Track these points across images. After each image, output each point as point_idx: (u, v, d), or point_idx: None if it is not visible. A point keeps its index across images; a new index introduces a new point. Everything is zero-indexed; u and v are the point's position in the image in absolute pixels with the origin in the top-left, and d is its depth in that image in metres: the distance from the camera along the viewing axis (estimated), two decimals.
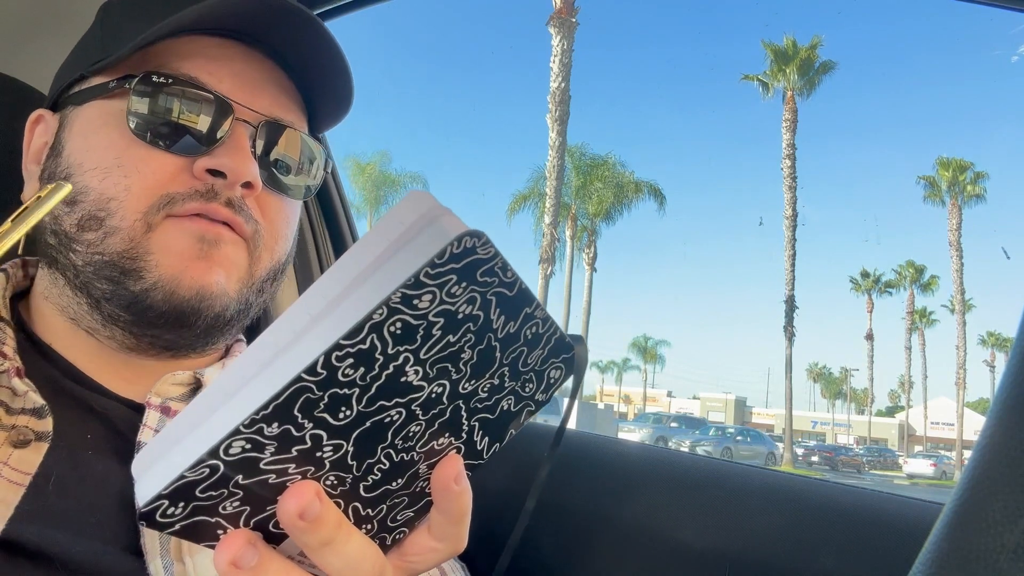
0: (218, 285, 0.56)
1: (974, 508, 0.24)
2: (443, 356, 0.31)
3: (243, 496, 0.30)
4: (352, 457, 0.31)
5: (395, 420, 0.31)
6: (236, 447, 0.27)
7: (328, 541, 0.31)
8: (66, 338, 0.59)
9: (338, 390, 0.28)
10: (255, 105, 0.59)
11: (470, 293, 0.29)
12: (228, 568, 0.30)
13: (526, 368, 0.36)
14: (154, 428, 0.56)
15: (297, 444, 0.29)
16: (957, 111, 60.40)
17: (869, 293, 42.91)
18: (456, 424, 0.34)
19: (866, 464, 32.81)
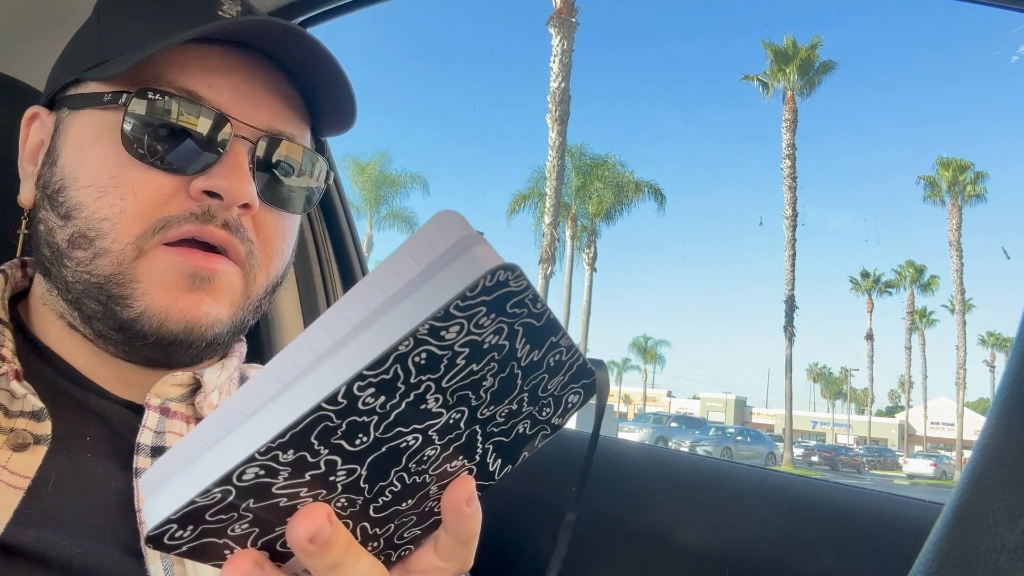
0: (209, 316, 0.55)
1: (974, 508, 0.24)
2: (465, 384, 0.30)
3: (252, 519, 0.29)
4: (365, 481, 0.31)
5: (411, 445, 0.31)
6: (250, 473, 0.27)
7: (337, 564, 0.31)
8: (64, 341, 0.58)
9: (357, 418, 0.28)
10: (254, 120, 0.57)
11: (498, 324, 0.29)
12: None
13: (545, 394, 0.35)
14: (153, 429, 0.56)
15: (311, 470, 0.29)
16: (957, 111, 60.44)
17: (869, 293, 42.90)
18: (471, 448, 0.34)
19: (866, 464, 32.80)
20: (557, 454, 0.49)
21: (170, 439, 0.57)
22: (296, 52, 0.58)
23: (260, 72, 0.58)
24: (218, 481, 0.27)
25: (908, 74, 61.80)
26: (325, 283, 1.23)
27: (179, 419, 0.58)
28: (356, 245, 1.28)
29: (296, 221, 0.63)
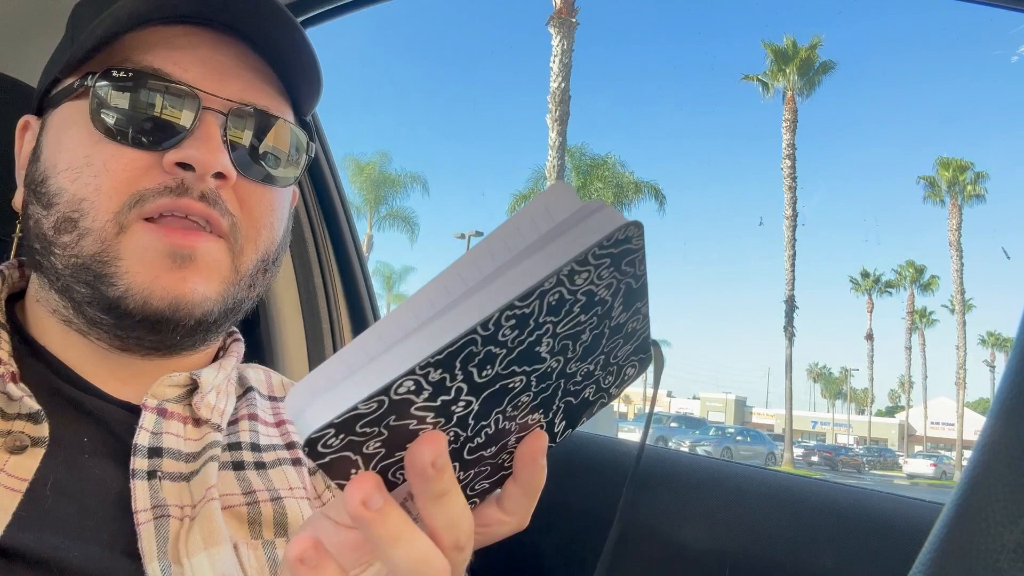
0: (195, 294, 0.54)
1: (974, 508, 0.24)
2: (571, 333, 0.33)
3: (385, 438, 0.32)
4: (474, 417, 0.34)
5: (515, 388, 0.34)
6: (404, 387, 0.29)
7: (444, 493, 0.33)
8: (60, 340, 0.58)
9: (493, 348, 0.31)
10: (224, 92, 0.56)
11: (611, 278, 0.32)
12: (358, 507, 0.31)
13: (615, 360, 0.39)
14: (150, 430, 0.56)
15: (444, 394, 0.31)
16: (957, 111, 60.45)
17: (869, 293, 42.90)
18: (550, 403, 0.37)
19: (866, 464, 32.80)
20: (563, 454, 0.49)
21: (167, 440, 0.56)
22: (257, 20, 0.58)
23: (226, 46, 0.58)
24: (380, 390, 0.29)
25: (908, 74, 61.84)
26: (325, 283, 1.23)
27: (176, 420, 0.58)
28: (356, 245, 1.28)
29: (283, 195, 0.62)
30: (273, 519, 0.57)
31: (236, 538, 0.54)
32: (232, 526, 0.55)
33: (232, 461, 0.60)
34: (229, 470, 0.59)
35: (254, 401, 0.68)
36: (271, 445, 0.65)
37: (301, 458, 0.65)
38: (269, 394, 0.72)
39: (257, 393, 0.70)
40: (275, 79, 0.61)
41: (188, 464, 0.57)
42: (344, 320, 1.26)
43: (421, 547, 0.33)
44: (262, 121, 0.59)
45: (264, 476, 0.61)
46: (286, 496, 0.59)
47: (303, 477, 0.64)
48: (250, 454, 0.62)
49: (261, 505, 0.58)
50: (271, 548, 0.56)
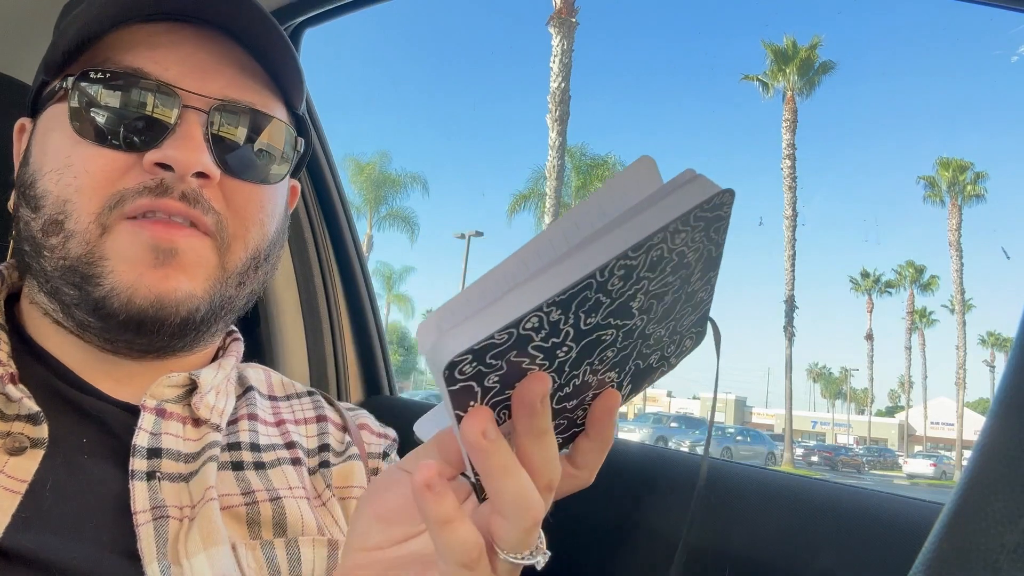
0: (179, 291, 0.54)
1: (974, 508, 0.24)
2: (658, 293, 0.36)
3: (503, 373, 0.34)
4: (569, 365, 0.36)
5: (606, 340, 0.36)
6: (531, 322, 0.32)
7: (544, 432, 0.35)
8: (57, 340, 0.58)
9: (601, 296, 0.33)
10: (206, 89, 0.56)
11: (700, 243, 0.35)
12: (477, 436, 0.33)
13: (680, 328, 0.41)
14: (149, 431, 0.56)
15: (555, 336, 0.33)
16: (957, 111, 60.46)
17: (869, 293, 42.89)
18: (625, 362, 0.39)
19: (866, 464, 32.79)
20: None
21: (166, 440, 0.56)
22: (237, 15, 0.57)
23: (210, 44, 0.58)
24: (513, 322, 0.31)
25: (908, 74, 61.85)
26: (325, 283, 1.23)
27: (175, 420, 0.58)
28: (356, 245, 1.28)
29: (274, 192, 0.61)
30: (272, 519, 0.57)
31: (235, 538, 0.54)
32: (231, 526, 0.55)
33: (231, 461, 0.60)
34: (228, 470, 0.59)
35: (254, 401, 0.68)
36: (271, 445, 0.64)
37: (300, 458, 0.65)
38: (269, 394, 0.72)
39: (257, 393, 0.69)
40: (262, 74, 0.60)
41: (187, 465, 0.57)
42: (344, 320, 1.26)
43: (525, 481, 0.35)
44: (246, 117, 0.58)
45: (263, 476, 0.61)
46: (285, 496, 0.59)
47: (302, 477, 0.64)
48: (249, 454, 0.62)
49: (260, 505, 0.58)
50: (269, 548, 0.56)
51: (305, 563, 0.57)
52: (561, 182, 19.65)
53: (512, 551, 0.37)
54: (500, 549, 0.36)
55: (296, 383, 0.76)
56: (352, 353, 1.27)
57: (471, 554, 0.35)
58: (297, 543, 0.57)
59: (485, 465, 0.34)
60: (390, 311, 40.96)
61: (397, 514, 0.41)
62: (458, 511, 0.35)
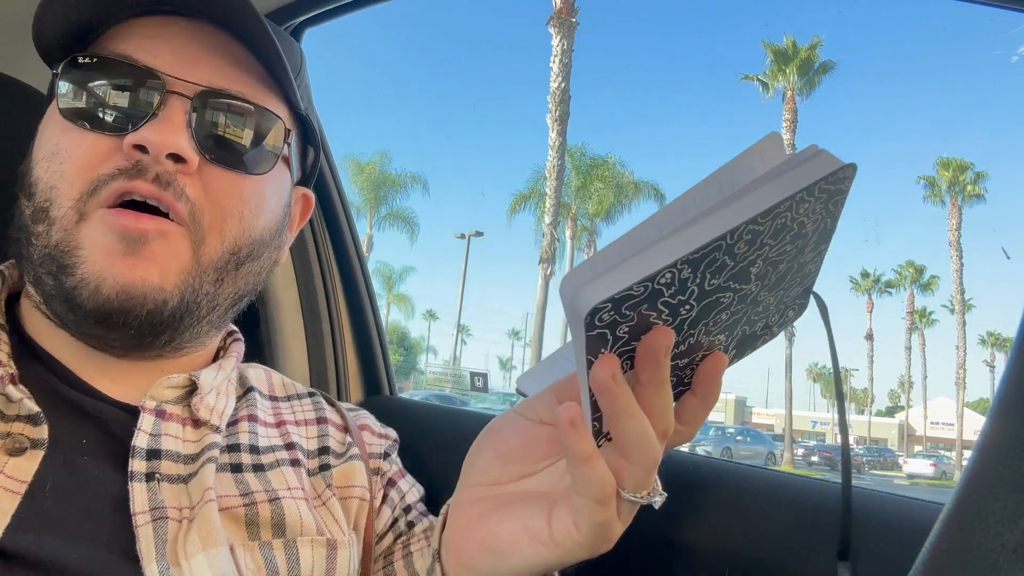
0: (146, 283, 0.53)
1: (974, 508, 0.24)
2: (775, 260, 0.38)
3: (633, 324, 0.36)
4: (688, 323, 0.38)
5: (723, 303, 0.38)
6: (664, 278, 0.34)
7: (664, 382, 0.38)
8: (54, 339, 0.58)
9: (727, 259, 0.35)
10: (193, 76, 0.55)
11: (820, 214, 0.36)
12: (607, 379, 0.37)
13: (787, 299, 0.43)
14: (148, 432, 0.56)
15: (681, 294, 0.35)
16: (957, 111, 60.43)
17: (869, 293, 42.89)
18: (734, 327, 0.41)
19: (866, 464, 32.78)
20: None
21: (165, 441, 0.56)
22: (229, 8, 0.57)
23: (204, 35, 0.58)
24: (650, 276, 0.33)
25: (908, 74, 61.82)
26: (325, 283, 1.23)
27: (175, 421, 0.58)
28: (356, 245, 1.28)
29: (260, 184, 0.59)
30: (271, 520, 0.57)
31: (233, 540, 0.54)
32: (229, 527, 0.55)
33: (230, 463, 0.60)
34: (227, 472, 0.59)
35: (254, 401, 0.68)
36: (270, 447, 0.64)
37: (300, 459, 0.65)
38: (270, 394, 0.72)
39: (258, 393, 0.69)
40: (258, 68, 0.60)
41: (187, 466, 0.57)
42: (344, 320, 1.26)
43: (646, 423, 0.39)
44: (232, 106, 0.57)
45: (262, 478, 0.61)
46: (284, 497, 0.59)
47: (302, 478, 0.64)
48: (248, 456, 0.62)
49: (259, 506, 0.58)
50: (268, 549, 0.56)
51: (304, 563, 0.57)
52: (561, 182, 19.65)
53: (634, 490, 0.41)
54: (623, 489, 0.40)
55: (297, 384, 0.76)
56: (352, 353, 1.27)
57: (605, 489, 0.40)
58: (296, 543, 0.57)
59: (613, 406, 0.38)
60: (390, 311, 40.95)
61: (516, 453, 0.46)
62: (595, 448, 0.39)
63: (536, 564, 0.44)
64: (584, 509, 0.41)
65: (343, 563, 0.60)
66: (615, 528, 0.42)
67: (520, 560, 0.44)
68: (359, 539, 0.64)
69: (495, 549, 0.45)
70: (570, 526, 0.42)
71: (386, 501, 0.69)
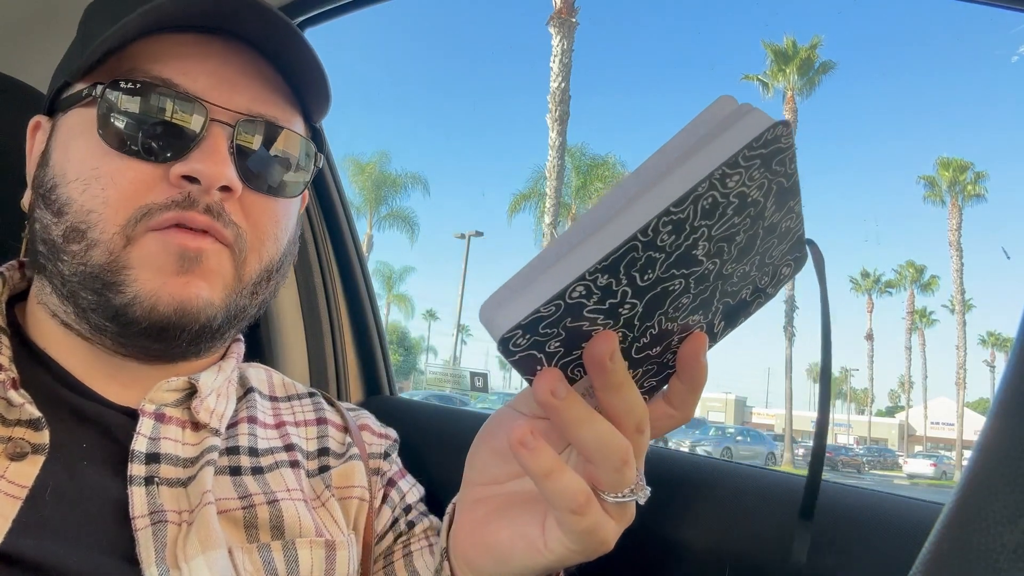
0: (200, 299, 0.54)
1: (974, 508, 0.24)
2: (724, 236, 0.35)
3: (563, 338, 0.35)
4: (638, 318, 0.37)
5: (675, 290, 0.37)
6: (576, 292, 0.33)
7: (621, 384, 0.37)
8: (61, 343, 0.58)
9: (653, 253, 0.33)
10: (232, 103, 0.56)
11: (763, 179, 0.34)
12: (547, 396, 0.36)
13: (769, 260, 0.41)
14: (148, 436, 0.56)
15: (611, 298, 0.34)
16: (958, 111, 60.40)
17: (869, 293, 42.89)
18: (708, 304, 0.40)
19: (866, 464, 32.77)
20: None
21: (165, 445, 0.56)
22: (265, 29, 0.57)
23: (237, 57, 0.58)
24: (557, 294, 0.32)
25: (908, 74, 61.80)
26: (325, 283, 1.23)
27: (174, 424, 0.58)
28: (356, 245, 1.28)
29: (289, 206, 0.62)
30: (270, 522, 0.57)
31: (231, 542, 0.54)
32: (228, 530, 0.55)
33: (229, 466, 0.60)
34: (226, 475, 0.59)
35: (254, 403, 0.68)
36: (269, 448, 0.64)
37: (299, 460, 0.65)
38: (270, 394, 0.72)
39: (258, 394, 0.69)
40: (284, 88, 0.61)
41: (186, 469, 0.57)
42: (344, 320, 1.26)
43: (603, 427, 0.38)
44: (270, 132, 0.59)
45: (261, 480, 0.61)
46: (283, 499, 0.59)
47: (300, 479, 0.64)
48: (247, 459, 0.62)
49: (257, 508, 0.58)
50: (267, 551, 0.56)
51: (303, 565, 0.57)
52: (561, 182, 19.65)
53: (611, 490, 0.40)
54: (601, 491, 0.40)
55: (297, 384, 0.76)
56: (352, 353, 1.27)
57: (577, 499, 0.39)
58: (294, 545, 0.57)
59: (560, 420, 0.37)
60: (390, 311, 40.95)
61: None
62: (556, 462, 0.38)
63: (534, 568, 0.45)
64: (563, 520, 0.40)
65: (342, 564, 0.60)
66: (605, 531, 0.42)
67: (519, 565, 0.45)
68: (359, 539, 0.65)
69: (496, 553, 0.46)
70: (561, 535, 0.42)
71: (386, 501, 0.69)
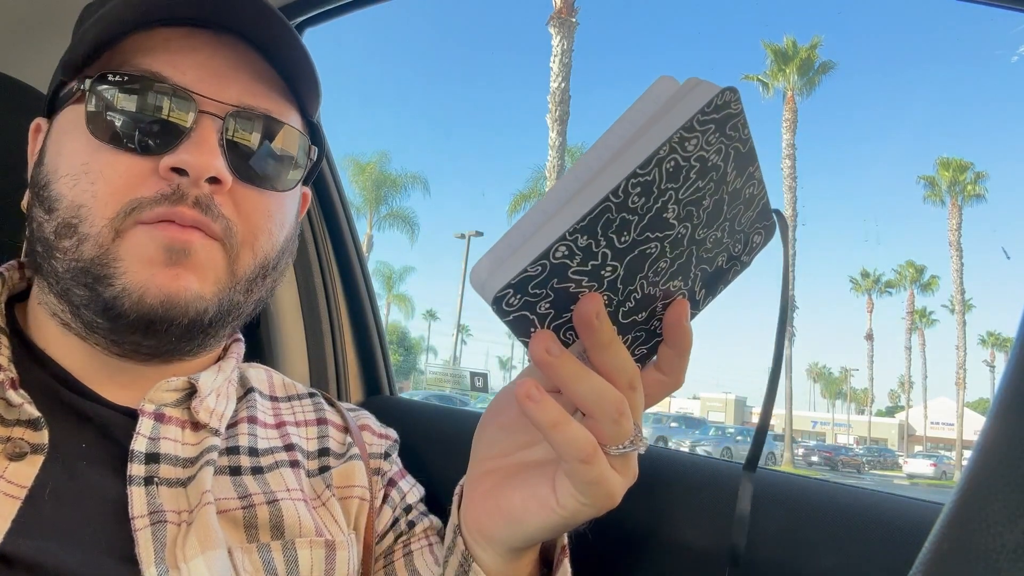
0: (188, 291, 0.54)
1: (974, 508, 0.24)
2: (692, 200, 0.38)
3: (552, 299, 0.37)
4: (620, 281, 0.39)
5: (652, 253, 0.39)
6: (560, 252, 0.35)
7: (610, 342, 0.39)
8: (60, 343, 0.58)
9: (626, 215, 0.35)
10: (222, 95, 0.56)
11: (719, 143, 0.36)
12: (543, 354, 0.38)
13: (739, 227, 0.43)
14: (147, 436, 0.56)
15: (592, 259, 0.36)
16: (958, 111, 60.39)
17: (869, 293, 42.88)
18: (686, 269, 0.42)
19: (866, 464, 32.76)
20: None
21: (164, 445, 0.56)
22: (256, 21, 0.57)
23: (227, 49, 0.58)
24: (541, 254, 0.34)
25: (908, 74, 61.80)
26: (325, 283, 1.23)
27: (174, 424, 0.58)
28: (356, 245, 1.28)
29: (284, 200, 0.61)
30: (269, 522, 0.57)
31: (231, 542, 0.54)
32: (228, 530, 0.55)
33: (229, 466, 0.60)
34: (226, 475, 0.59)
35: (254, 403, 0.68)
36: (269, 448, 0.64)
37: (299, 460, 0.65)
38: (271, 394, 0.72)
39: (258, 394, 0.69)
40: (278, 81, 0.61)
41: (185, 469, 0.57)
42: (344, 320, 1.26)
43: (597, 381, 0.40)
44: (260, 125, 0.58)
45: (261, 480, 0.61)
46: (283, 498, 0.59)
47: (300, 479, 0.63)
48: (247, 459, 0.62)
49: (257, 508, 0.58)
50: (266, 551, 0.56)
51: (303, 565, 0.57)
52: None
53: (612, 442, 0.41)
54: (602, 444, 0.41)
55: (297, 384, 0.76)
56: (352, 353, 1.27)
57: (585, 449, 0.40)
58: (294, 545, 0.57)
59: (556, 377, 0.39)
60: (390, 311, 40.94)
61: (518, 423, 0.48)
62: (562, 414, 0.40)
63: (548, 528, 0.46)
64: (572, 471, 0.42)
65: (342, 564, 0.60)
66: (613, 483, 0.43)
67: (533, 525, 0.46)
68: (359, 539, 0.64)
69: (509, 517, 0.46)
70: (572, 489, 0.43)
71: (387, 501, 0.69)
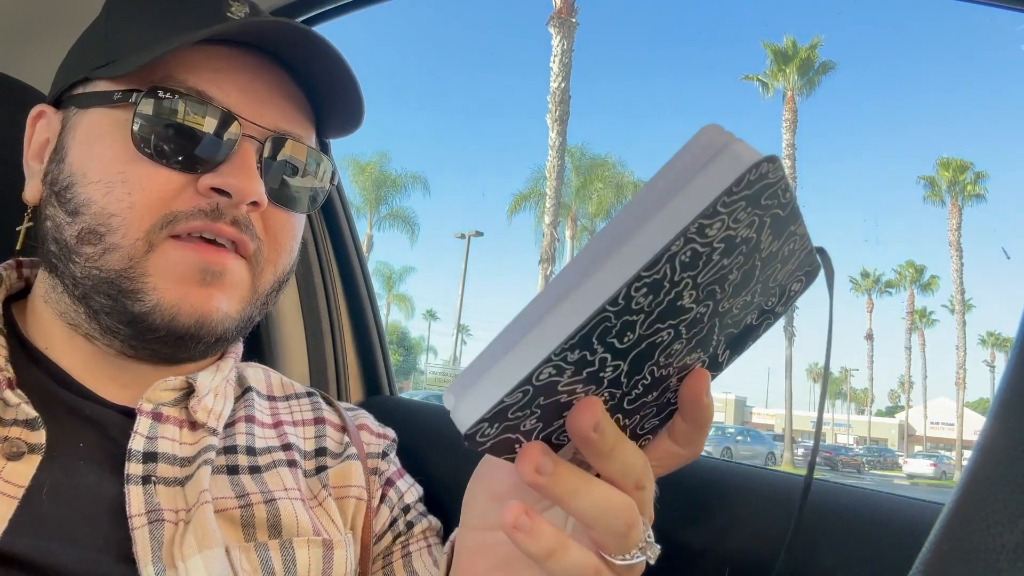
0: (219, 311, 0.56)
1: (974, 508, 0.24)
2: (714, 279, 0.32)
3: (539, 415, 0.32)
4: (625, 375, 0.34)
5: (664, 340, 0.33)
6: (545, 373, 0.30)
7: (612, 448, 0.34)
8: (62, 343, 0.58)
9: (629, 317, 0.30)
10: (262, 120, 0.58)
11: (752, 217, 0.30)
12: (532, 475, 0.33)
13: (775, 284, 0.37)
14: (145, 435, 0.56)
15: (588, 367, 0.31)
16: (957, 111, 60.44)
17: (869, 293, 42.90)
18: (708, 341, 0.36)
19: (866, 464, 32.77)
20: None
21: (162, 444, 0.56)
22: (305, 53, 0.58)
23: (267, 73, 0.59)
24: (522, 381, 0.29)
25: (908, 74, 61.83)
26: (325, 283, 1.23)
27: (172, 423, 0.58)
28: (356, 245, 1.28)
29: (302, 220, 0.64)
30: (267, 521, 0.57)
31: (228, 541, 0.55)
32: (225, 529, 0.55)
33: (227, 465, 0.60)
34: (223, 474, 0.59)
35: (252, 402, 0.68)
36: (267, 448, 0.65)
37: (296, 460, 0.65)
38: (268, 394, 0.72)
39: (256, 393, 0.69)
40: (306, 105, 0.62)
41: (183, 468, 0.57)
42: (344, 320, 1.26)
43: (600, 493, 0.35)
44: (295, 150, 0.60)
45: (259, 479, 0.61)
46: (280, 498, 0.59)
47: (298, 478, 0.64)
48: (245, 458, 0.62)
49: (254, 507, 0.58)
50: (264, 550, 0.56)
51: (300, 564, 0.57)
52: (561, 182, 19.65)
53: (618, 554, 0.37)
54: (607, 556, 0.37)
55: (296, 383, 0.76)
56: (352, 353, 1.27)
57: (586, 573, 0.36)
58: (292, 544, 0.57)
59: (551, 497, 0.34)
60: (390, 311, 40.95)
61: (510, 495, 0.42)
62: (558, 540, 0.35)
63: None
64: None
65: (339, 563, 0.60)
66: None
67: None
68: (356, 539, 0.65)
69: None
70: None
71: (384, 501, 0.69)
